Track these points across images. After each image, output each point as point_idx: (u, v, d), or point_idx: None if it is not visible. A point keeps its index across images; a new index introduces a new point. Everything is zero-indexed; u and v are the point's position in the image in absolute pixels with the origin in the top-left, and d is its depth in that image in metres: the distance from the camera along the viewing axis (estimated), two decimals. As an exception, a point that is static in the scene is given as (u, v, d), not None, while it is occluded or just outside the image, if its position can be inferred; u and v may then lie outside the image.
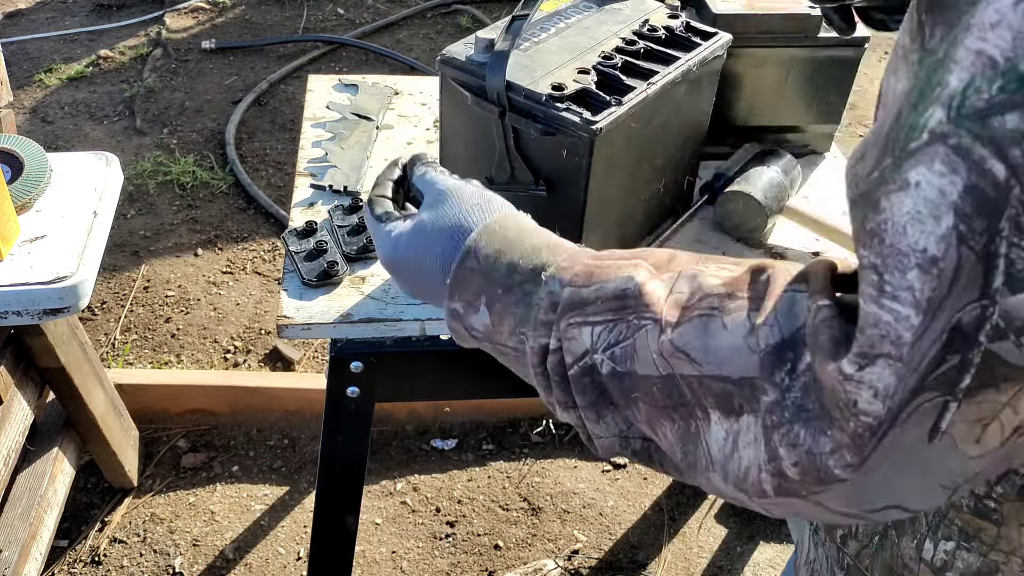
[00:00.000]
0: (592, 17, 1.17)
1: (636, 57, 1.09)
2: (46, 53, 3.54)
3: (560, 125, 0.99)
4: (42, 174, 1.46)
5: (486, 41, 1.04)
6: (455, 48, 1.07)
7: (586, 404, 0.61)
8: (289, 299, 1.10)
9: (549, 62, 1.06)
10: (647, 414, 0.58)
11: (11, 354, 1.53)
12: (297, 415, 2.17)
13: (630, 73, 1.07)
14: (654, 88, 1.04)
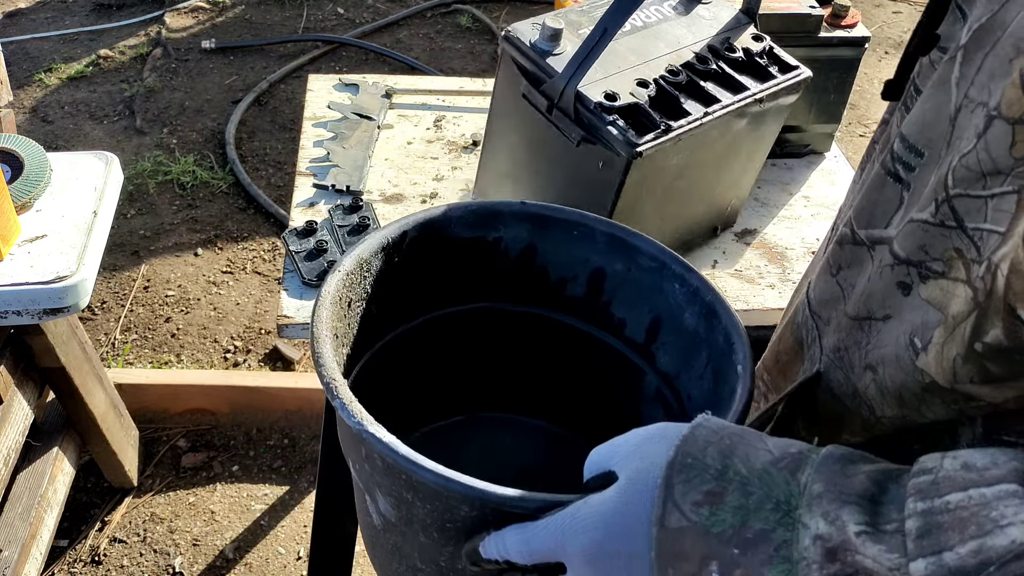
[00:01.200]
0: (673, 22, 1.10)
1: (704, 77, 1.04)
2: (46, 53, 3.54)
3: (601, 137, 0.95)
4: (42, 174, 1.46)
5: (552, 30, 1.01)
6: (521, 27, 1.03)
7: None
8: (289, 299, 1.10)
9: (611, 64, 1.00)
10: None
11: (11, 354, 1.53)
12: (297, 415, 2.17)
13: (692, 94, 1.01)
14: (710, 118, 0.99)
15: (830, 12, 1.32)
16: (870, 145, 0.72)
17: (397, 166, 1.34)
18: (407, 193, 1.29)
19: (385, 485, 0.65)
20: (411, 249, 0.82)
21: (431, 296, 0.87)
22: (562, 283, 0.87)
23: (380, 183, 1.31)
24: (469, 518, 0.60)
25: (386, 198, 1.28)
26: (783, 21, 1.28)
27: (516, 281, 0.87)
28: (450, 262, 0.85)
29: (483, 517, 0.59)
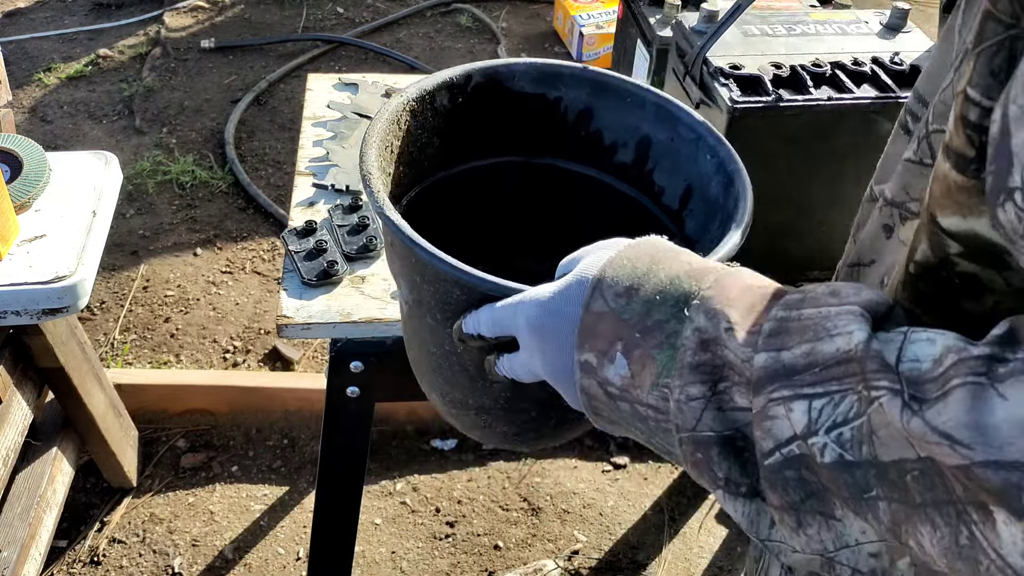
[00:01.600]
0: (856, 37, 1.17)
1: (852, 75, 1.08)
2: (45, 52, 3.53)
3: (712, 98, 1.02)
4: (41, 174, 1.45)
5: (708, 12, 1.13)
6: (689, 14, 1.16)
7: (784, 505, 0.48)
8: (289, 299, 1.09)
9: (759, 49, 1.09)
10: (892, 517, 0.45)
11: (10, 354, 1.52)
12: (297, 415, 2.17)
13: (828, 84, 1.06)
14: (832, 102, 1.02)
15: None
16: None
17: (397, 166, 1.34)
18: (407, 193, 1.29)
19: (404, 272, 0.77)
20: (475, 93, 0.88)
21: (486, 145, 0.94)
22: (613, 148, 0.93)
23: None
24: (461, 301, 0.70)
25: (386, 198, 1.28)
26: (784, 20, 1.28)
27: (572, 142, 0.94)
28: (510, 114, 0.92)
29: (470, 301, 0.69)
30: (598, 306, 0.56)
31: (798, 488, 0.48)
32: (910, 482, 0.43)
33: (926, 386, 0.42)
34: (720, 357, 0.51)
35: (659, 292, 0.54)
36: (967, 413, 0.40)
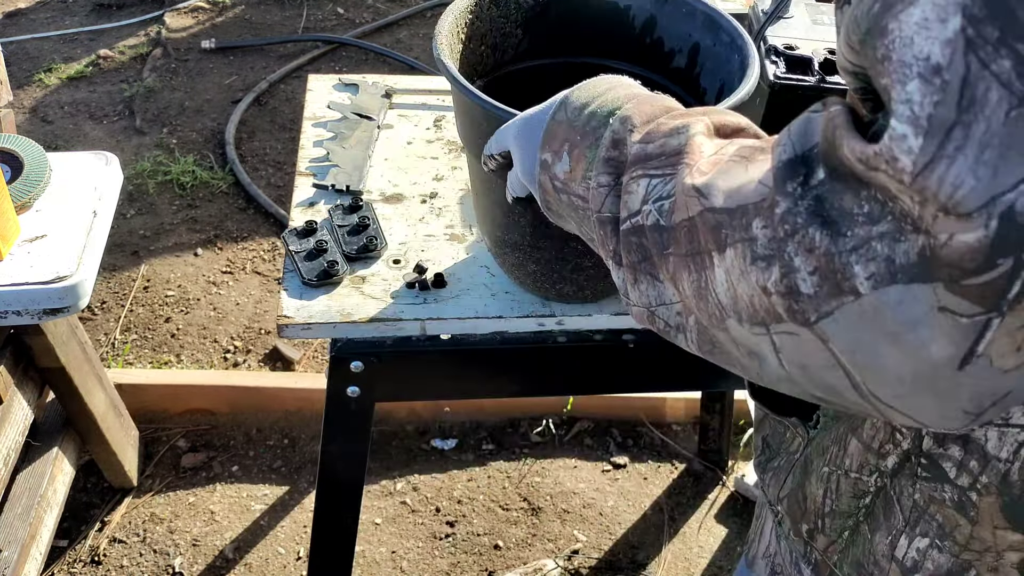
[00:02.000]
0: None
1: None
2: (46, 53, 3.54)
3: (763, 72, 1.08)
4: (42, 174, 1.46)
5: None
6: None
7: (628, 264, 0.62)
8: (289, 299, 1.10)
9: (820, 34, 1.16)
10: (674, 267, 0.57)
11: (11, 354, 1.52)
12: (297, 415, 2.17)
13: None
14: None
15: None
16: None
17: (397, 166, 1.34)
18: (407, 193, 1.29)
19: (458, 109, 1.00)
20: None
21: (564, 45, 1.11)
22: (671, 54, 1.07)
23: (380, 183, 1.31)
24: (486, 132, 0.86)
25: (386, 198, 1.28)
26: (784, 21, 1.29)
27: (639, 48, 1.09)
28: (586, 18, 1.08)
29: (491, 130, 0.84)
30: (560, 116, 0.70)
31: (638, 251, 0.60)
32: (682, 237, 0.56)
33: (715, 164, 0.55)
34: (624, 154, 0.63)
35: (600, 107, 0.67)
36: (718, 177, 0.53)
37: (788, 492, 0.78)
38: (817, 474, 0.74)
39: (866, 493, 0.69)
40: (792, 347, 0.50)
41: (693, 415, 2.21)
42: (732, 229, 0.51)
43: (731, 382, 1.50)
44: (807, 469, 0.75)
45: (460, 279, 1.14)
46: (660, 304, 0.61)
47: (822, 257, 0.45)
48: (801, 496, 0.76)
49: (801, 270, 0.47)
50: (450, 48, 1.00)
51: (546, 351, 1.13)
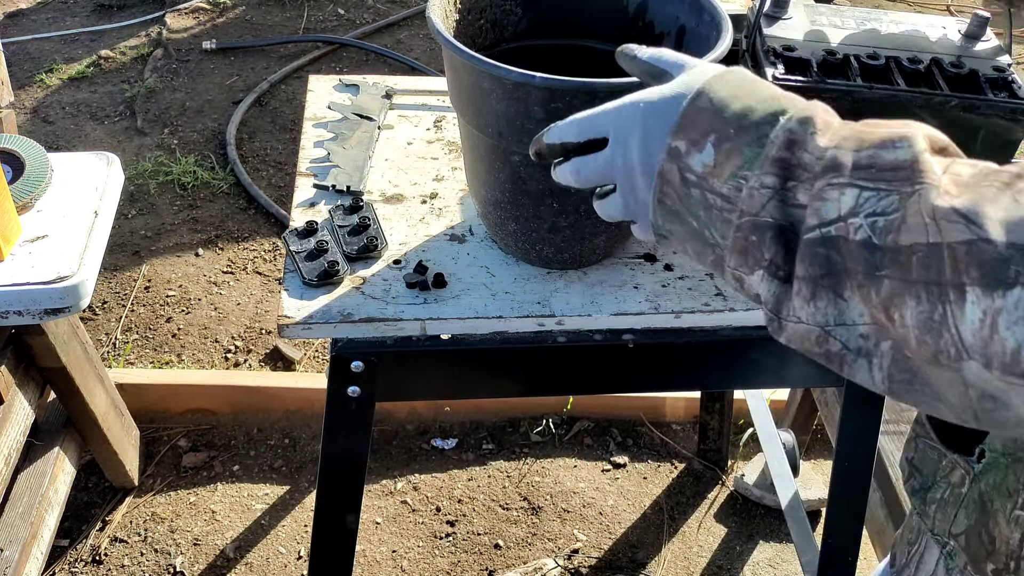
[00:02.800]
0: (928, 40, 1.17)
1: (904, 73, 1.10)
2: (47, 53, 3.54)
3: (760, 74, 1.11)
4: (43, 174, 1.46)
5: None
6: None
7: (807, 276, 0.57)
8: (290, 299, 1.10)
9: (825, 39, 1.17)
10: (890, 292, 0.53)
11: (12, 354, 1.53)
12: (298, 415, 2.18)
13: (876, 77, 1.10)
14: (865, 89, 1.08)
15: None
16: None
17: (397, 166, 1.35)
18: (407, 193, 1.29)
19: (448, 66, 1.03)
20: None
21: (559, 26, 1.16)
22: (661, 37, 1.11)
23: (380, 183, 1.31)
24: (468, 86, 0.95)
25: (386, 198, 1.28)
26: (783, 22, 1.29)
27: (631, 30, 1.13)
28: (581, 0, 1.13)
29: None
30: (702, 102, 0.64)
31: (823, 265, 0.56)
32: (914, 262, 0.52)
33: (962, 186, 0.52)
34: (798, 159, 0.59)
35: (758, 103, 0.63)
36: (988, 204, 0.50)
37: (966, 529, 0.76)
38: (1006, 516, 0.72)
39: None
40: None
41: (693, 415, 2.21)
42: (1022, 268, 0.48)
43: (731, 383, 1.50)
44: (985, 508, 0.74)
45: (460, 279, 1.14)
46: (840, 324, 0.57)
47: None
48: (986, 537, 0.73)
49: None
50: (444, 12, 1.04)
51: (546, 351, 1.13)
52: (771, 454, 1.86)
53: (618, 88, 0.92)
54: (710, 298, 1.14)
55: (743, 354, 1.17)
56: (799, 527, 1.75)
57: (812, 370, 1.21)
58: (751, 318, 1.13)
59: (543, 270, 1.16)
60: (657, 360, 1.17)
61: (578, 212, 1.06)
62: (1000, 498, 0.72)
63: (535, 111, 0.95)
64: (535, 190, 1.04)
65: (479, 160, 1.08)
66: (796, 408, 2.05)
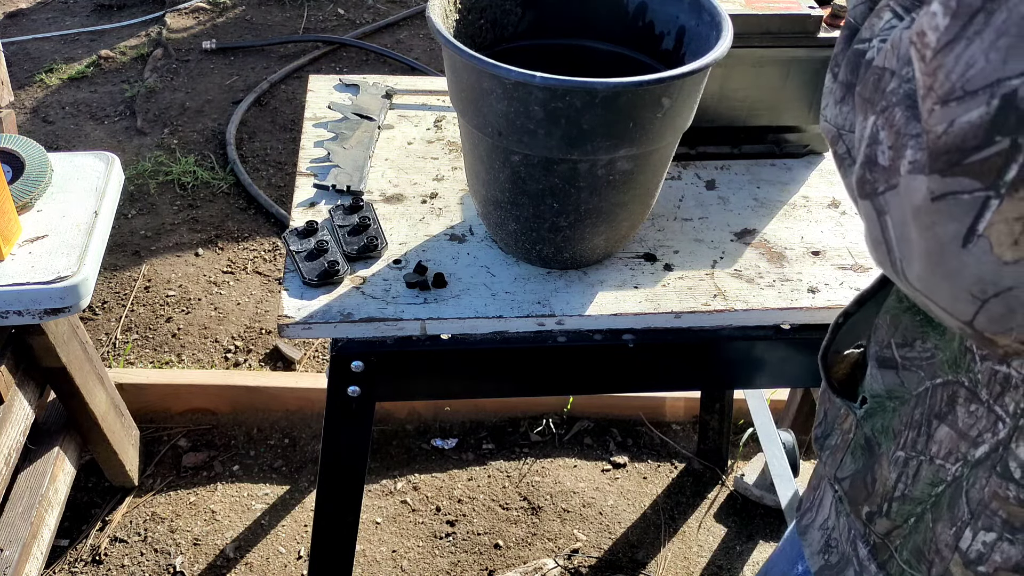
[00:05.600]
0: None
1: None
2: (47, 53, 3.54)
3: None
4: (43, 174, 1.46)
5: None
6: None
7: (843, 80, 0.63)
8: (290, 299, 1.10)
9: None
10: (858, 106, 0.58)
11: (12, 354, 1.53)
12: (298, 414, 2.18)
13: None
14: None
15: (829, 12, 1.32)
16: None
17: (397, 166, 1.35)
18: (407, 193, 1.29)
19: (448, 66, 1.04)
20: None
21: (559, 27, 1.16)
22: (661, 37, 1.13)
23: (380, 183, 1.31)
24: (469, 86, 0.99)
25: (386, 198, 1.28)
26: (783, 21, 1.28)
27: (631, 31, 1.15)
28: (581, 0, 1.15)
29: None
30: None
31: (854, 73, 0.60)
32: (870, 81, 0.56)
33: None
34: None
35: None
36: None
37: (850, 473, 0.79)
38: (889, 458, 0.74)
39: (943, 481, 0.69)
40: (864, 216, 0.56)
41: (693, 415, 2.21)
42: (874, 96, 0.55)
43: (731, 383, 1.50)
44: (873, 451, 0.76)
45: (460, 279, 1.14)
46: (850, 131, 0.62)
47: (895, 136, 0.51)
48: (869, 479, 0.76)
49: (883, 142, 0.52)
50: (444, 12, 1.05)
51: (546, 351, 1.13)
52: (771, 454, 1.86)
53: (618, 88, 0.92)
54: (710, 298, 1.14)
55: (743, 354, 1.17)
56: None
57: (812, 370, 1.21)
58: (751, 318, 1.14)
59: (543, 270, 1.16)
60: (657, 360, 1.17)
61: (578, 212, 1.06)
62: (886, 440, 0.74)
63: (535, 111, 0.95)
64: (535, 190, 1.04)
65: (479, 160, 1.08)
66: (796, 408, 2.05)
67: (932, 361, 0.70)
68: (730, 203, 1.31)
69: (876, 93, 0.55)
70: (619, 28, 1.16)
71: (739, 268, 1.19)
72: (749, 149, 1.40)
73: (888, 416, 0.74)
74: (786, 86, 1.33)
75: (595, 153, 0.99)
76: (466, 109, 1.02)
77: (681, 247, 1.22)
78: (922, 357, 0.71)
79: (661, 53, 1.14)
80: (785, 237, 1.26)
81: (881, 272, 0.79)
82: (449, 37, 0.96)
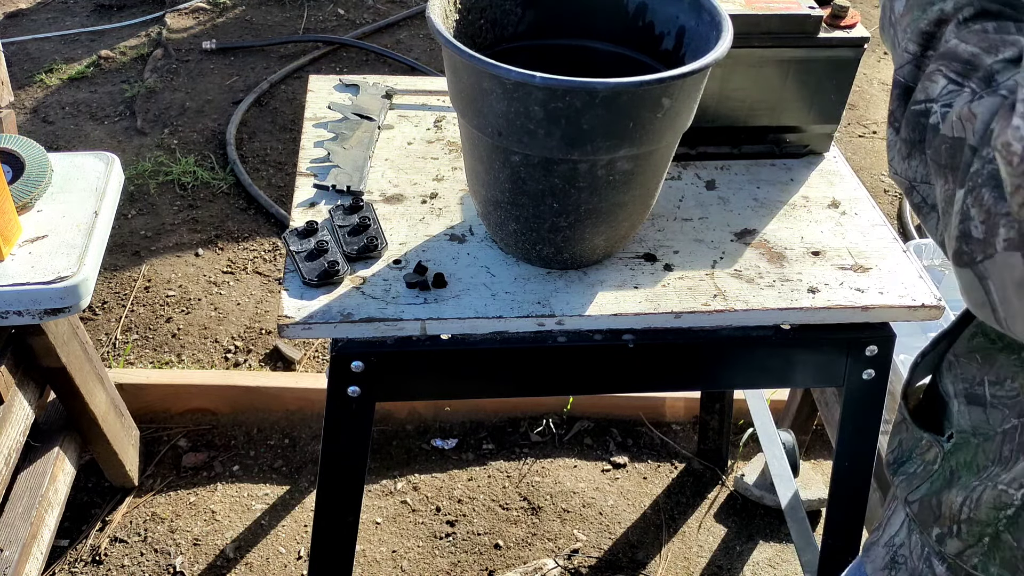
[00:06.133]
0: None
1: None
2: (47, 53, 3.54)
3: None
4: (43, 174, 1.46)
5: None
6: None
7: (906, 138, 0.66)
8: (290, 299, 1.10)
9: None
10: (932, 168, 0.63)
11: (12, 354, 1.53)
12: (298, 414, 2.18)
13: None
14: None
15: (829, 13, 1.32)
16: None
17: (397, 166, 1.35)
18: (407, 193, 1.29)
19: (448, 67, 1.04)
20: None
21: (560, 27, 1.17)
22: (661, 37, 1.13)
23: (380, 183, 1.31)
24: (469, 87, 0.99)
25: (386, 198, 1.28)
26: (782, 22, 1.28)
27: (630, 31, 1.15)
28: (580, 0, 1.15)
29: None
30: None
31: (918, 130, 0.64)
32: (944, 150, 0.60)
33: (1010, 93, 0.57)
34: (941, 33, 0.66)
35: None
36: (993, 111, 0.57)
37: (920, 497, 0.81)
38: (961, 486, 0.77)
39: (1009, 505, 0.72)
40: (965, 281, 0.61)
41: (693, 415, 2.21)
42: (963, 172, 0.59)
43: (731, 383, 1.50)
44: (952, 483, 0.78)
45: (460, 279, 1.14)
46: (924, 182, 0.66)
47: (985, 213, 0.56)
48: (935, 502, 0.79)
49: (974, 219, 0.57)
50: (444, 12, 1.05)
51: (546, 351, 1.13)
52: (771, 454, 1.86)
53: (618, 88, 0.92)
54: (710, 298, 1.14)
55: (743, 354, 1.17)
56: (799, 527, 1.75)
57: (812, 370, 1.21)
58: (751, 318, 1.14)
59: (543, 270, 1.16)
60: (657, 360, 1.17)
61: (578, 212, 1.06)
62: (967, 473, 0.77)
63: (535, 111, 0.95)
64: (535, 190, 1.04)
65: (479, 160, 1.08)
66: (796, 408, 2.05)
67: (1018, 399, 0.73)
68: (730, 203, 1.31)
69: (954, 164, 0.59)
70: (619, 28, 1.16)
71: (739, 268, 1.19)
72: (749, 149, 1.40)
73: (971, 451, 0.77)
74: (786, 86, 1.33)
75: (595, 153, 0.99)
76: (466, 109, 1.02)
77: (681, 247, 1.22)
78: (1009, 395, 0.74)
79: (661, 53, 1.14)
80: (785, 237, 1.26)
81: (960, 313, 0.83)
82: (449, 37, 0.96)
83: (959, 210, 0.58)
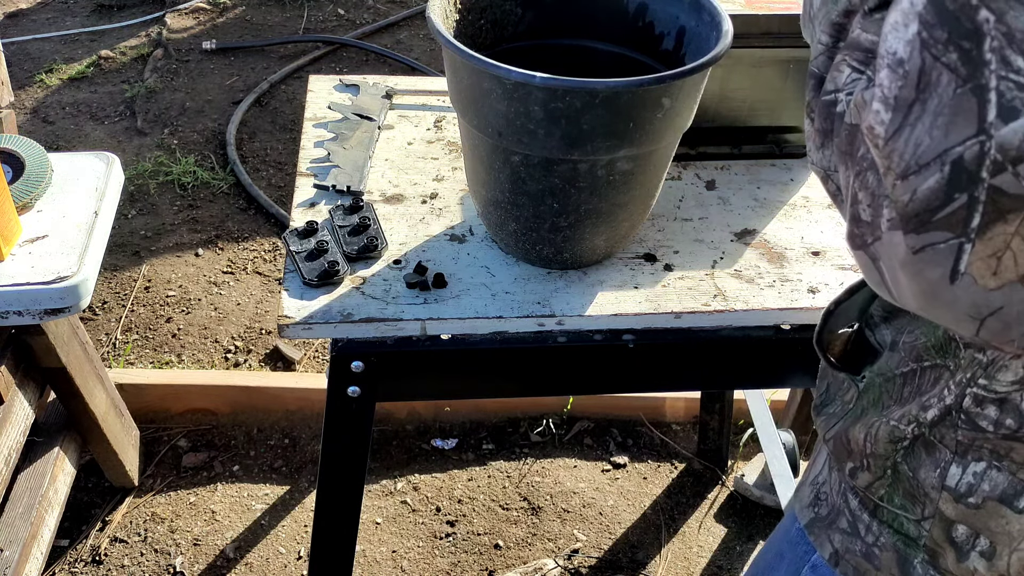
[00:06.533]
0: None
1: None
2: (47, 53, 3.54)
3: None
4: (43, 174, 1.46)
5: None
6: None
7: (819, 128, 0.68)
8: (290, 299, 1.10)
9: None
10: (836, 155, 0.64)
11: (12, 354, 1.53)
12: (298, 415, 2.18)
13: None
14: None
15: (829, 13, 1.32)
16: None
17: (397, 166, 1.35)
18: (407, 193, 1.29)
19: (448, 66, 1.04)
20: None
21: (560, 27, 1.17)
22: (661, 37, 1.14)
23: (380, 183, 1.31)
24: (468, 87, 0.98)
25: (386, 198, 1.28)
26: (782, 22, 1.28)
27: (631, 31, 1.15)
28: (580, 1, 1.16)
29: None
30: None
31: (829, 120, 0.65)
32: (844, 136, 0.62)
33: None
34: (850, 24, 0.66)
35: None
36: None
37: (835, 434, 0.85)
38: (864, 422, 0.81)
39: (903, 439, 0.76)
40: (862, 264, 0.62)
41: (693, 415, 2.21)
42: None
43: (731, 383, 1.50)
44: (859, 419, 0.82)
45: (460, 279, 1.14)
46: (836, 171, 0.67)
47: (870, 195, 0.58)
48: (846, 439, 0.83)
49: (862, 202, 0.59)
50: (444, 12, 1.05)
51: (546, 351, 1.13)
52: (771, 454, 1.86)
53: (618, 88, 0.92)
54: (710, 298, 1.14)
55: (743, 354, 1.17)
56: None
57: (812, 370, 1.21)
58: (751, 318, 1.14)
59: (543, 270, 1.16)
60: (657, 360, 1.17)
61: (578, 212, 1.06)
62: (874, 411, 0.81)
63: (535, 111, 0.95)
64: (535, 190, 1.04)
65: (479, 160, 1.08)
66: (796, 408, 2.05)
67: (915, 345, 0.77)
68: (730, 203, 1.31)
69: (852, 150, 0.61)
70: (619, 28, 1.16)
71: (739, 268, 1.19)
72: (749, 149, 1.40)
73: (877, 391, 0.81)
74: (786, 86, 1.33)
75: (595, 153, 0.99)
76: (466, 109, 1.02)
77: (681, 247, 1.22)
78: (908, 342, 0.78)
79: (661, 53, 1.14)
80: (785, 237, 1.26)
81: None
82: (449, 37, 0.96)
83: (850, 195, 0.61)
